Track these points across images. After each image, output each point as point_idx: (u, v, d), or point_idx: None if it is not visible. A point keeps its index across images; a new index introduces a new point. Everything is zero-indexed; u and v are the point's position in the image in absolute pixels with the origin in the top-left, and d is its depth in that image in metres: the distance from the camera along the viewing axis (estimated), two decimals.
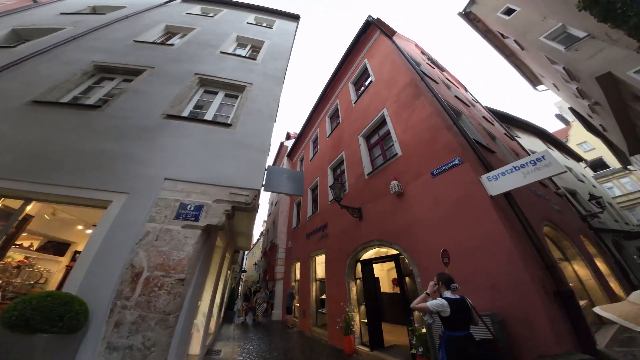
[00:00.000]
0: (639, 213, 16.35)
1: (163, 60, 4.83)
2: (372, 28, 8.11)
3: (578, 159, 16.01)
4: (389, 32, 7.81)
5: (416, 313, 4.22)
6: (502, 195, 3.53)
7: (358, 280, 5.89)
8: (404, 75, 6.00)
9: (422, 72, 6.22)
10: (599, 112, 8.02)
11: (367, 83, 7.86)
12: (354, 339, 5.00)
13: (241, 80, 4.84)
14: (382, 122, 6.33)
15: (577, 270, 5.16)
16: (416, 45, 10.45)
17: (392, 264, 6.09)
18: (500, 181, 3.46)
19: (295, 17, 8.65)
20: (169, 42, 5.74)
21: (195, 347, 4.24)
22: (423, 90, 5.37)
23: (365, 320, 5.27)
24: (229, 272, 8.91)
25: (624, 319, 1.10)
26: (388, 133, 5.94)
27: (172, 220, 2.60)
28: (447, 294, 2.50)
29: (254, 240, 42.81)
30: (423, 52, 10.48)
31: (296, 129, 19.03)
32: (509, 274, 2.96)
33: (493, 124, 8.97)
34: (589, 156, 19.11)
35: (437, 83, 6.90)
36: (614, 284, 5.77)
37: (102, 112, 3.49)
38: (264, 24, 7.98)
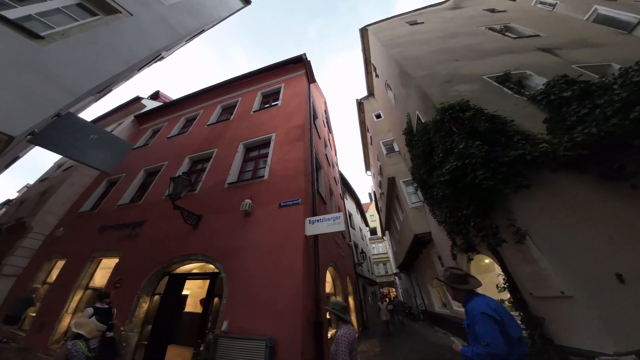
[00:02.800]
0: (380, 268, 27.39)
1: None
2: (301, 65, 8.87)
3: (367, 224, 24.95)
4: (310, 78, 8.88)
5: (208, 336, 4.05)
6: (313, 237, 4.48)
7: (157, 296, 4.86)
8: (300, 118, 6.75)
9: (314, 124, 7.37)
10: (382, 199, 13.27)
11: (273, 103, 8.12)
12: None
13: (117, 1, 3.33)
14: (267, 144, 6.51)
15: None
16: (325, 102, 12.53)
17: (207, 282, 5.63)
18: (315, 226, 4.37)
19: (246, 0, 7.70)
20: None
21: None
22: (306, 138, 6.25)
23: (146, 342, 4.36)
24: None
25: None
26: (266, 155, 6.14)
27: None
28: (98, 304, 3.69)
29: None
30: (326, 111, 12.69)
31: (173, 94, 14.91)
32: (291, 304, 3.55)
33: (337, 184, 11.96)
34: (372, 225, 30.30)
35: (320, 138, 8.39)
36: (353, 318, 8.59)
37: None
38: None
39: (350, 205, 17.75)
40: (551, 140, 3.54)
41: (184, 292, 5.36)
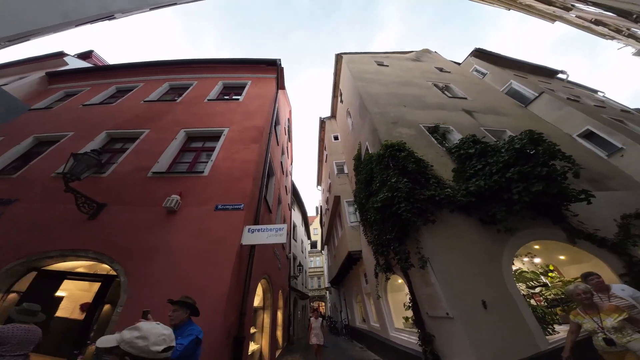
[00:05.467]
0: (314, 282, 27.61)
1: None
2: (273, 69, 8.75)
3: (309, 237, 25.18)
4: (280, 84, 8.78)
5: (90, 347, 3.43)
6: (250, 246, 4.24)
7: (13, 294, 3.77)
8: (261, 120, 6.50)
9: (275, 129, 7.21)
10: (326, 214, 13.71)
11: (233, 96, 7.66)
12: None
13: None
14: (215, 137, 5.99)
15: (264, 318, 6.76)
16: (290, 111, 12.50)
17: (97, 285, 4.60)
18: (255, 235, 4.14)
19: None
20: None
21: None
22: (263, 141, 6.03)
23: None
24: None
25: None
26: (212, 150, 5.62)
27: None
28: None
29: None
30: (289, 119, 12.64)
31: (114, 60, 12.42)
32: (210, 317, 3.16)
33: (287, 194, 11.82)
34: (314, 238, 30.72)
35: (278, 145, 8.24)
36: (279, 333, 8.17)
37: None
38: None
39: (296, 216, 17.70)
40: (454, 187, 4.41)
41: (59, 293, 4.21)
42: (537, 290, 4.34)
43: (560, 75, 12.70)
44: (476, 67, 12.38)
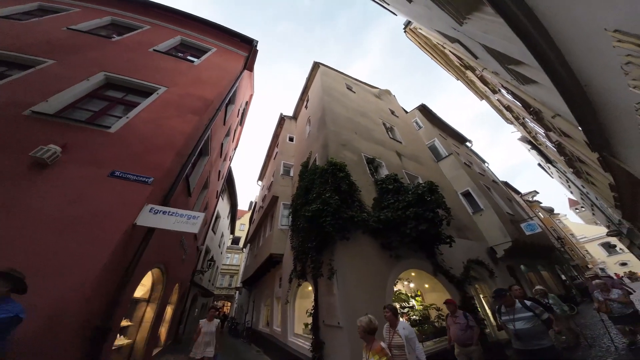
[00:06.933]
0: (225, 280, 25.70)
1: None
2: (247, 47, 8.26)
3: (232, 232, 23.58)
4: (249, 64, 8.21)
5: None
6: (147, 229, 3.59)
7: None
8: (212, 92, 5.85)
9: (226, 107, 6.62)
10: (259, 212, 13.23)
11: (189, 57, 6.81)
12: None
13: None
14: (145, 93, 5.04)
15: (147, 311, 5.81)
16: (251, 95, 11.66)
17: None
18: (158, 217, 3.51)
19: None
20: None
21: None
22: (207, 115, 5.41)
23: None
24: None
25: None
26: (133, 105, 4.66)
27: None
28: None
29: None
30: (247, 103, 11.76)
31: None
32: (65, 301, 2.54)
33: (219, 180, 10.82)
34: (238, 233, 28.91)
35: (224, 125, 7.53)
36: (164, 329, 7.17)
37: None
38: None
39: (224, 206, 16.33)
40: (370, 213, 5.16)
41: None
42: (406, 310, 5.41)
43: (467, 143, 16.63)
44: (417, 119, 14.91)
